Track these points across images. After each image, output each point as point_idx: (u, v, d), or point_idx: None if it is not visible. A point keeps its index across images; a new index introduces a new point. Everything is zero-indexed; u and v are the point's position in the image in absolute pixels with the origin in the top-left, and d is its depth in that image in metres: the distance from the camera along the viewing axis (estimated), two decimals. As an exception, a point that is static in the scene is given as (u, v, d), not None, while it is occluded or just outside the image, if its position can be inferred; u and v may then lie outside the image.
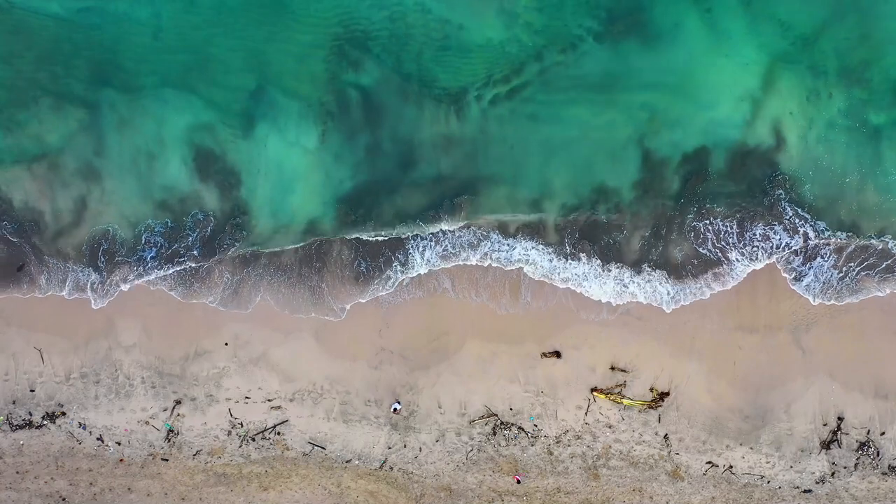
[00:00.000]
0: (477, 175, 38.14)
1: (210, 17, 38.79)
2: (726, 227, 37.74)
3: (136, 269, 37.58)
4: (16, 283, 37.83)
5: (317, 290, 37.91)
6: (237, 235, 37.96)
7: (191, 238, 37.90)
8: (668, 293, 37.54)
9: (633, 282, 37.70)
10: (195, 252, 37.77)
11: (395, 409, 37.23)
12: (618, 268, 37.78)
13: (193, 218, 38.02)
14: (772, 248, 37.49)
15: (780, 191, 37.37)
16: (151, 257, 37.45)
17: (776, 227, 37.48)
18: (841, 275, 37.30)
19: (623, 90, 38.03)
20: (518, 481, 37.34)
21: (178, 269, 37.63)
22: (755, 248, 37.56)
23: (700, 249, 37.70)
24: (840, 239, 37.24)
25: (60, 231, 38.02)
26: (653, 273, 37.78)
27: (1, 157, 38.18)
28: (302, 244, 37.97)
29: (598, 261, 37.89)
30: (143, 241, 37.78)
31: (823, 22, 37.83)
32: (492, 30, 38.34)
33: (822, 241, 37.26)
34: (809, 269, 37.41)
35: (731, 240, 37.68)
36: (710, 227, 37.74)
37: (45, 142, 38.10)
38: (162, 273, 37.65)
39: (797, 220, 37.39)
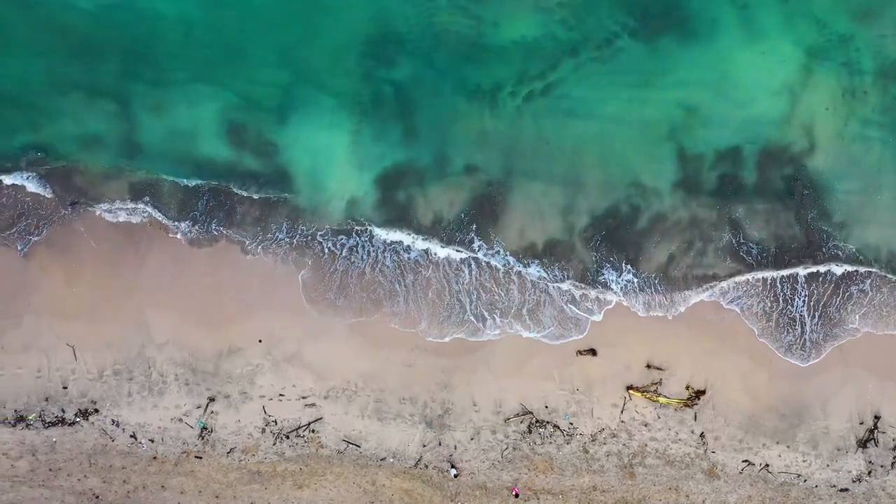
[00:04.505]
0: (512, 171, 37.96)
1: (241, 13, 38.61)
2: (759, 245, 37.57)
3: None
4: (71, 217, 37.83)
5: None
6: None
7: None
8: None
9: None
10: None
11: (455, 476, 37.05)
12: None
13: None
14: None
15: (807, 191, 37.34)
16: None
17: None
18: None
19: (658, 87, 37.91)
20: (517, 494, 37.14)
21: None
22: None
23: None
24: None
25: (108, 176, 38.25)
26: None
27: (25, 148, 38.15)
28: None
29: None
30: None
31: (859, 19, 37.78)
32: (526, 27, 38.17)
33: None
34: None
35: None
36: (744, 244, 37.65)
37: (78, 134, 38.06)
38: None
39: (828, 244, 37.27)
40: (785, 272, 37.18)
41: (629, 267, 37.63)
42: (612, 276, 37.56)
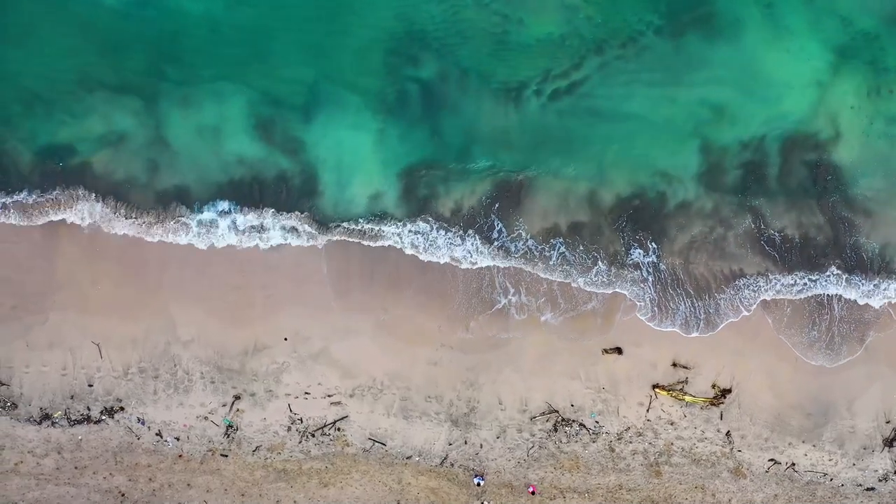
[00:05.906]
0: (536, 168, 37.94)
1: (267, 11, 38.57)
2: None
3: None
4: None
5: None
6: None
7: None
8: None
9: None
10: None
11: (478, 484, 36.93)
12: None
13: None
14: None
15: (832, 189, 37.29)
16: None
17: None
18: None
19: (683, 85, 37.93)
20: (533, 492, 37.06)
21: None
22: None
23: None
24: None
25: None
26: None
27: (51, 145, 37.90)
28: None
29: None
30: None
31: (885, 17, 37.80)
32: (552, 24, 38.17)
33: None
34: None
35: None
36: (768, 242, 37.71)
37: (104, 132, 37.87)
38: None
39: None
40: (810, 293, 37.20)
41: (654, 245, 37.55)
42: (639, 255, 37.50)
